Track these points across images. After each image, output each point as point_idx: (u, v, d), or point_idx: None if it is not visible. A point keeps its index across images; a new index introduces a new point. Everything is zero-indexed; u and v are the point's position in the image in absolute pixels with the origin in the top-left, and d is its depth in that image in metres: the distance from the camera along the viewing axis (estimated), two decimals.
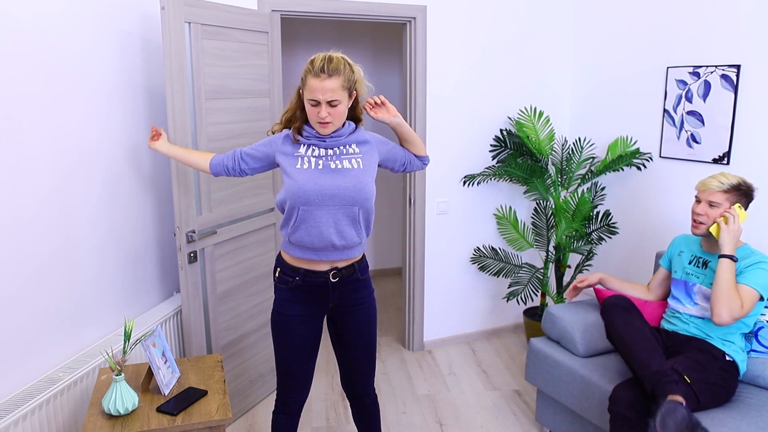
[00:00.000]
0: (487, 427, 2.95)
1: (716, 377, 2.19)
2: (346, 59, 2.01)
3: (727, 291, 2.16)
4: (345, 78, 1.96)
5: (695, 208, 2.36)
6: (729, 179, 2.31)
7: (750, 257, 2.27)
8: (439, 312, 3.86)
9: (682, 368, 2.16)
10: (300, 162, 2.00)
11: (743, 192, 2.31)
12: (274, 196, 3.11)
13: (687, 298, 2.44)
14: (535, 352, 2.78)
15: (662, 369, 2.11)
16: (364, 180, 2.00)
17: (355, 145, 2.04)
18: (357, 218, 2.01)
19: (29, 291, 2.05)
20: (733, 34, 2.88)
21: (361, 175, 2.00)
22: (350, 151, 2.03)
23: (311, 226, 1.98)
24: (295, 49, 4.78)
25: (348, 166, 1.99)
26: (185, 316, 2.61)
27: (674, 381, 2.08)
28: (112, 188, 2.46)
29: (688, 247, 2.52)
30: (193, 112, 2.55)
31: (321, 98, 1.92)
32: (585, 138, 3.78)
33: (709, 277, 2.36)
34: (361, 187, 1.99)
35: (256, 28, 2.85)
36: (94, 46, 2.32)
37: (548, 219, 3.74)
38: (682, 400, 2.00)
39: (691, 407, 2.10)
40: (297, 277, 2.07)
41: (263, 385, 3.16)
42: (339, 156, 2.01)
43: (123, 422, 1.91)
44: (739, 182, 2.31)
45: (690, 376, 2.13)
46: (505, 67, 3.72)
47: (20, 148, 1.98)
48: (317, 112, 1.93)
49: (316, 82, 1.93)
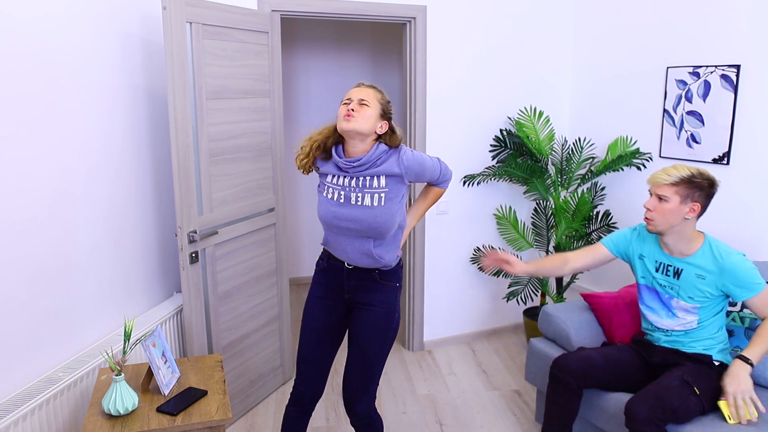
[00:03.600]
0: (487, 427, 2.95)
1: (716, 383, 2.17)
2: (377, 92, 2.09)
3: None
4: (381, 96, 2.05)
5: (645, 203, 2.21)
6: (679, 171, 2.12)
7: (723, 263, 2.14)
8: (439, 312, 3.87)
9: (692, 379, 2.12)
10: (326, 190, 2.10)
11: (697, 185, 2.11)
12: (274, 197, 3.11)
13: (665, 311, 2.31)
14: (535, 352, 2.78)
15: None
16: (382, 218, 2.02)
17: (384, 178, 2.02)
18: (376, 245, 2.08)
19: (30, 291, 2.05)
20: (732, 34, 2.89)
21: (380, 213, 2.02)
22: (374, 185, 2.03)
23: (335, 245, 2.14)
24: (295, 49, 4.78)
25: (368, 203, 2.02)
26: (186, 316, 2.61)
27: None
28: (112, 188, 2.46)
29: (649, 249, 2.34)
30: (194, 112, 2.55)
31: (354, 97, 2.01)
32: (585, 138, 3.78)
33: (686, 290, 2.22)
34: (378, 224, 2.02)
35: (256, 28, 2.85)
36: (95, 47, 2.32)
37: (548, 219, 3.74)
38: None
39: (696, 415, 2.10)
40: (324, 260, 2.23)
41: (264, 385, 3.16)
42: (362, 189, 2.03)
43: (123, 422, 1.91)
44: (691, 174, 2.11)
45: (699, 387, 2.11)
46: (505, 67, 3.72)
47: (21, 149, 1.98)
48: (346, 108, 1.99)
49: (354, 89, 2.06)
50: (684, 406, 2.06)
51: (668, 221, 2.16)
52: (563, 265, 2.47)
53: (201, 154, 2.59)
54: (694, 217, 2.16)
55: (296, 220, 5.09)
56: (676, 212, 2.13)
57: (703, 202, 2.14)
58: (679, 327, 2.28)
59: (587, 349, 2.42)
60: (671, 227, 2.18)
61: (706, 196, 2.14)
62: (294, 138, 4.91)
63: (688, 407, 2.07)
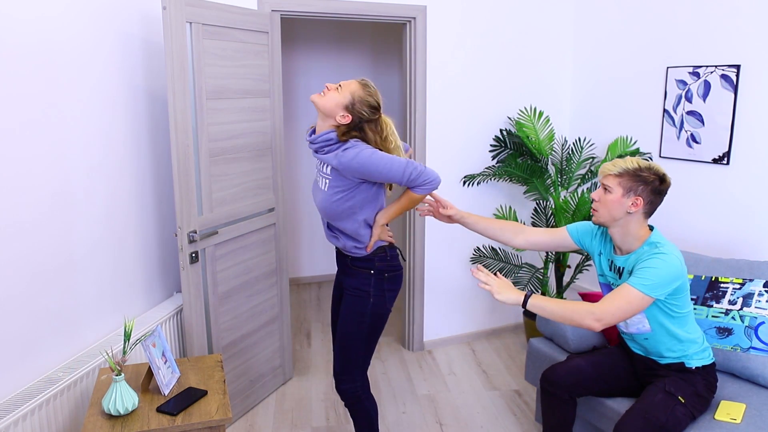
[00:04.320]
0: (486, 427, 2.95)
1: (702, 387, 2.15)
2: (368, 85, 2.16)
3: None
4: (361, 94, 2.12)
5: (592, 193, 2.15)
6: (626, 163, 2.06)
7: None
8: (439, 312, 3.87)
9: (674, 389, 2.10)
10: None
11: (641, 179, 2.03)
12: (274, 196, 3.11)
13: None
14: (535, 352, 2.78)
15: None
16: (328, 203, 2.18)
17: (329, 167, 2.17)
18: (338, 233, 2.25)
19: (30, 291, 2.05)
20: (733, 34, 2.89)
21: (327, 197, 2.18)
22: (324, 170, 2.20)
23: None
24: (295, 49, 4.78)
25: (322, 187, 2.20)
26: (186, 316, 2.61)
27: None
28: (112, 188, 2.46)
29: (604, 246, 2.28)
30: (194, 112, 2.55)
31: (331, 84, 2.15)
32: (585, 138, 3.78)
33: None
34: (328, 209, 2.19)
35: (256, 28, 2.85)
36: (95, 48, 2.33)
37: (548, 219, 3.74)
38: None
39: (687, 424, 2.08)
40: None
41: (264, 385, 3.16)
42: (321, 172, 2.22)
43: (123, 422, 1.91)
44: (638, 167, 2.04)
45: (683, 395, 2.09)
46: (505, 67, 3.72)
47: (21, 149, 1.98)
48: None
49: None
50: (672, 418, 2.03)
51: (610, 213, 2.09)
52: (515, 235, 2.40)
53: (201, 154, 2.59)
54: (639, 212, 2.07)
55: (296, 220, 5.09)
56: (618, 204, 2.06)
57: (648, 197, 2.05)
58: (633, 330, 2.21)
59: (576, 359, 2.37)
60: (614, 220, 2.10)
61: (653, 191, 2.04)
62: (294, 138, 4.92)
63: (677, 418, 2.04)
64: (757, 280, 2.41)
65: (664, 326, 2.13)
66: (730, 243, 2.96)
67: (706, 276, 2.53)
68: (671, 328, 2.13)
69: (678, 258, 2.03)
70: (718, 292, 2.48)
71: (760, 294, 2.38)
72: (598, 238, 2.31)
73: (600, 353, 2.41)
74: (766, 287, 2.38)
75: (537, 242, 2.40)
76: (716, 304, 2.47)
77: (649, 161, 2.09)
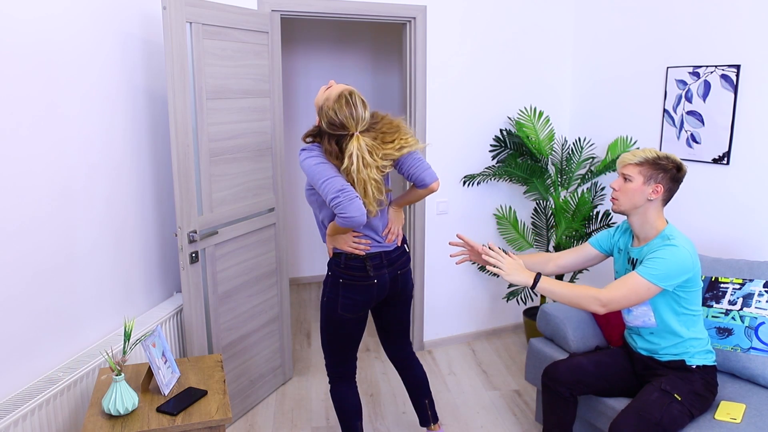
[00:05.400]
0: (487, 427, 2.95)
1: (700, 386, 2.15)
2: (342, 99, 2.07)
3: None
4: (327, 101, 2.09)
5: (612, 183, 2.22)
6: (645, 153, 2.13)
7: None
8: (439, 312, 3.87)
9: (670, 387, 2.11)
10: None
11: (661, 167, 2.11)
12: (274, 196, 3.12)
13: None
14: (535, 352, 2.78)
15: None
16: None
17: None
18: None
19: (30, 291, 2.05)
20: (732, 34, 2.89)
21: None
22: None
23: None
24: (295, 49, 4.78)
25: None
26: (187, 316, 2.61)
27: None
28: (113, 188, 2.46)
29: (625, 243, 2.32)
30: (194, 112, 2.55)
31: (333, 81, 2.21)
32: (585, 138, 3.78)
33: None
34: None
35: (256, 28, 2.85)
36: (95, 48, 2.33)
37: (548, 219, 3.74)
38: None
39: (686, 423, 2.08)
40: None
41: (264, 385, 3.16)
42: None
43: (123, 422, 1.91)
44: (656, 156, 2.12)
45: (680, 393, 2.09)
46: (504, 67, 3.72)
47: (21, 149, 1.98)
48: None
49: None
50: (667, 416, 2.03)
51: (631, 201, 2.16)
52: (545, 264, 2.44)
53: (201, 154, 2.59)
54: (658, 199, 2.14)
55: (296, 220, 5.09)
56: (639, 192, 2.13)
57: (667, 185, 2.12)
58: (638, 322, 2.24)
59: (578, 357, 2.39)
60: (635, 207, 2.17)
61: (671, 179, 2.12)
62: (294, 138, 4.92)
63: (672, 416, 2.04)
64: (757, 280, 2.41)
65: (669, 323, 2.15)
66: (730, 243, 2.96)
67: (706, 276, 2.54)
68: (677, 326, 2.15)
69: (688, 251, 2.06)
70: (718, 292, 2.48)
71: (760, 294, 2.38)
72: (617, 236, 2.38)
73: (602, 353, 2.42)
74: (766, 287, 2.38)
75: (566, 264, 2.45)
76: (716, 305, 2.47)
77: (666, 153, 2.17)
